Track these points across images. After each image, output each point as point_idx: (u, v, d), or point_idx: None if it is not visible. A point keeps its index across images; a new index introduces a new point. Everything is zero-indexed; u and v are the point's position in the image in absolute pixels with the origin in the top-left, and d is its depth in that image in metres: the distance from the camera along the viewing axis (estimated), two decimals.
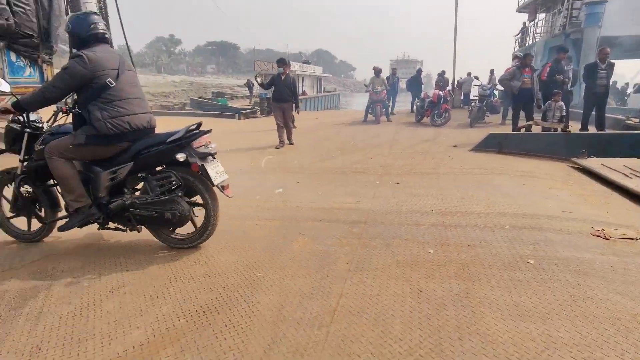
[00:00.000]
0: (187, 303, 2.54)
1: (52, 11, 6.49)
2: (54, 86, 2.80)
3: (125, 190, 3.12)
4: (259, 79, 9.55)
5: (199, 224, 3.26)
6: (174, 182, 2.99)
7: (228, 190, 3.20)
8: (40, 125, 3.31)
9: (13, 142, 3.27)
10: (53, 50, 6.89)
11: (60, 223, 3.33)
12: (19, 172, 3.28)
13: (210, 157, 3.10)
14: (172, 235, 3.32)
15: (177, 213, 2.97)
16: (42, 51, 6.68)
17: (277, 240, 3.58)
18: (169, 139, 2.96)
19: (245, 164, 7.07)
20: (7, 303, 2.59)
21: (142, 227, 3.25)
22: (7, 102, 4.66)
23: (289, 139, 9.10)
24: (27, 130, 3.20)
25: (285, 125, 8.97)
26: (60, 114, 3.19)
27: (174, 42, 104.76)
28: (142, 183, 3.13)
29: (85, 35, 2.93)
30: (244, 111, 18.48)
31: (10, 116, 3.20)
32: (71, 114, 3.02)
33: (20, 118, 3.21)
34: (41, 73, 6.91)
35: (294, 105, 9.01)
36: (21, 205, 3.43)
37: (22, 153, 3.24)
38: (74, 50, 2.95)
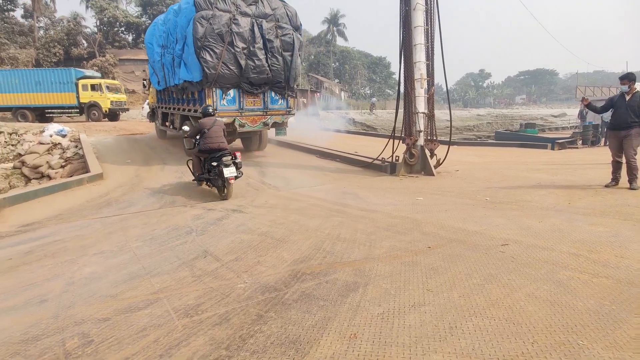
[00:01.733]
0: (487, 346, 2.28)
1: (291, 69, 10.41)
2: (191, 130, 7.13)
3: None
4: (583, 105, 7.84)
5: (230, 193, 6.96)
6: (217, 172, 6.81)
7: (231, 179, 6.70)
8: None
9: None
10: (293, 90, 10.97)
11: None
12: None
13: (229, 163, 6.72)
14: (219, 191, 6.94)
15: (217, 183, 6.80)
16: (287, 91, 10.75)
17: (608, 306, 2.73)
18: (216, 156, 6.81)
19: (560, 201, 5.98)
20: (337, 290, 3.16)
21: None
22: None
23: (631, 180, 6.82)
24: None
25: (628, 159, 6.77)
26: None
27: (483, 77, 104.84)
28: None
29: (204, 112, 7.34)
30: (560, 140, 15.98)
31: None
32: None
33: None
34: (287, 103, 10.87)
35: None
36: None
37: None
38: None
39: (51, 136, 14.46)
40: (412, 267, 3.58)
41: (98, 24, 44.01)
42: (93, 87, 22.78)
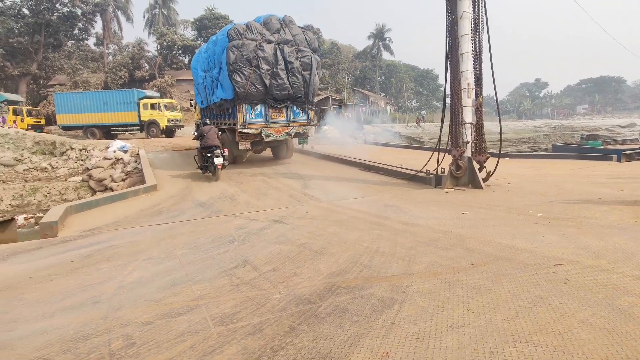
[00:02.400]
0: None
1: (310, 85, 12.18)
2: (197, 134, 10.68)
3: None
4: None
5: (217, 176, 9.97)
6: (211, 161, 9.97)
7: (219, 166, 9.72)
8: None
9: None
10: (312, 104, 12.79)
11: None
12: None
13: (219, 155, 9.78)
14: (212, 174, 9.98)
15: (211, 169, 9.86)
16: (307, 105, 12.47)
17: None
18: (211, 151, 9.96)
19: (625, 218, 5.43)
20: (372, 305, 3.07)
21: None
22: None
23: None
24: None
25: None
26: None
27: (539, 86, 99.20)
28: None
29: (203, 123, 10.82)
30: (627, 152, 14.61)
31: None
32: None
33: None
34: (307, 114, 12.62)
35: None
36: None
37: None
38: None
39: (114, 152, 15.66)
40: (453, 285, 3.40)
41: (158, 48, 47.54)
42: (152, 106, 24.49)
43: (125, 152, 15.86)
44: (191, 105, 18.96)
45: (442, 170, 8.85)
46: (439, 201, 7.24)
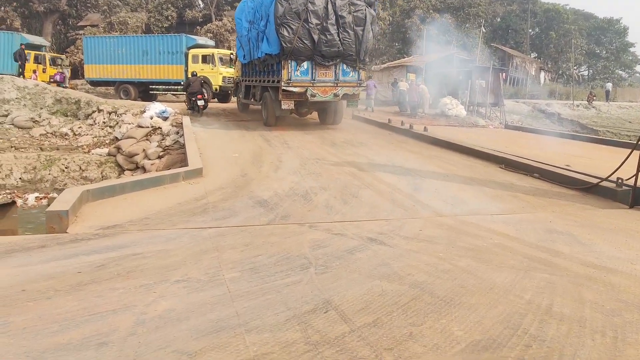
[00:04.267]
0: None
1: (362, 42, 14.50)
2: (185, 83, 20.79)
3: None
4: None
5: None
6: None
7: (201, 106, 18.59)
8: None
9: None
10: (365, 63, 15.67)
11: None
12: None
13: (201, 99, 18.51)
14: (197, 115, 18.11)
15: (195, 109, 18.53)
16: (358, 63, 14.97)
17: None
18: (195, 95, 18.57)
19: None
20: None
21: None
22: None
23: None
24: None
25: None
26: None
27: None
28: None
29: (192, 74, 20.75)
30: None
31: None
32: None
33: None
34: (359, 74, 15.24)
35: None
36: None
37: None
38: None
39: (152, 118, 16.49)
40: None
41: None
42: (204, 59, 25.41)
43: (165, 119, 16.65)
44: (231, 60, 23.27)
45: None
46: None
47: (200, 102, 18.38)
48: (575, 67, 60.17)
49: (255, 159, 10.82)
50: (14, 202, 6.04)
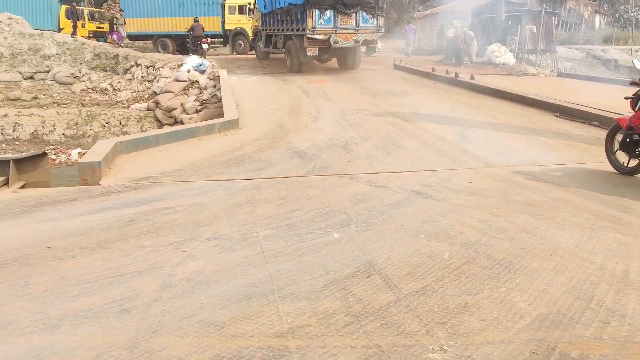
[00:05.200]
0: None
1: None
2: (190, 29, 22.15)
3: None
4: None
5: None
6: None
7: (206, 50, 20.71)
8: None
9: None
10: (383, 11, 16.05)
11: None
12: None
13: (204, 43, 20.74)
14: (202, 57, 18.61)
15: (199, 52, 19.80)
16: (377, 10, 15.52)
17: None
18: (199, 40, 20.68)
19: None
20: None
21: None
22: None
23: None
24: None
25: None
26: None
27: None
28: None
29: (195, 20, 21.80)
30: None
31: None
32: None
33: None
34: (377, 21, 15.77)
35: None
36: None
37: None
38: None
39: (189, 72, 16.10)
40: None
41: None
42: (241, 9, 24.68)
43: (203, 72, 16.24)
44: (250, 10, 23.20)
45: None
46: None
47: (205, 46, 20.36)
48: (635, 10, 55.88)
49: (293, 110, 10.35)
50: (45, 154, 5.83)
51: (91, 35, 26.18)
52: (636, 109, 5.72)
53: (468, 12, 24.48)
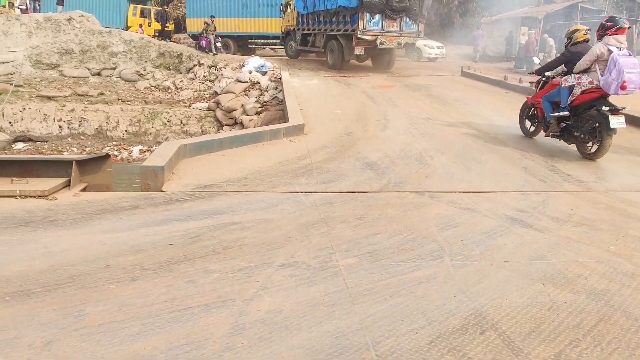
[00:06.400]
0: None
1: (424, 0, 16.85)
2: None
3: None
4: None
5: None
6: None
7: (219, 47, 22.51)
8: None
9: None
10: (424, 18, 17.56)
11: None
12: None
13: (219, 41, 22.73)
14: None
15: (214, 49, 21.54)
16: (419, 17, 16.96)
17: None
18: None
19: None
20: None
21: None
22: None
23: None
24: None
25: None
26: None
27: None
28: None
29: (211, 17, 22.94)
30: None
31: None
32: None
33: None
34: (418, 27, 17.13)
35: None
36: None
37: None
38: None
39: (250, 72, 15.83)
40: None
41: None
42: None
43: (264, 73, 15.93)
44: (281, 11, 23.19)
45: None
46: None
47: (219, 44, 21.86)
48: None
49: (359, 116, 9.78)
50: (108, 156, 5.51)
51: (157, 34, 26.58)
52: (537, 90, 7.73)
53: (540, 19, 23.15)
